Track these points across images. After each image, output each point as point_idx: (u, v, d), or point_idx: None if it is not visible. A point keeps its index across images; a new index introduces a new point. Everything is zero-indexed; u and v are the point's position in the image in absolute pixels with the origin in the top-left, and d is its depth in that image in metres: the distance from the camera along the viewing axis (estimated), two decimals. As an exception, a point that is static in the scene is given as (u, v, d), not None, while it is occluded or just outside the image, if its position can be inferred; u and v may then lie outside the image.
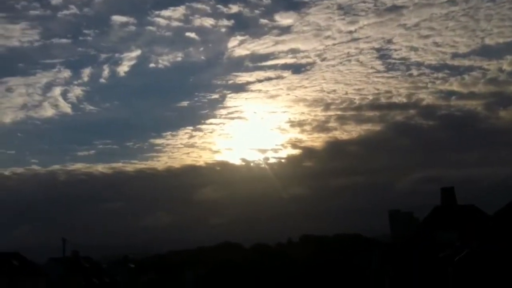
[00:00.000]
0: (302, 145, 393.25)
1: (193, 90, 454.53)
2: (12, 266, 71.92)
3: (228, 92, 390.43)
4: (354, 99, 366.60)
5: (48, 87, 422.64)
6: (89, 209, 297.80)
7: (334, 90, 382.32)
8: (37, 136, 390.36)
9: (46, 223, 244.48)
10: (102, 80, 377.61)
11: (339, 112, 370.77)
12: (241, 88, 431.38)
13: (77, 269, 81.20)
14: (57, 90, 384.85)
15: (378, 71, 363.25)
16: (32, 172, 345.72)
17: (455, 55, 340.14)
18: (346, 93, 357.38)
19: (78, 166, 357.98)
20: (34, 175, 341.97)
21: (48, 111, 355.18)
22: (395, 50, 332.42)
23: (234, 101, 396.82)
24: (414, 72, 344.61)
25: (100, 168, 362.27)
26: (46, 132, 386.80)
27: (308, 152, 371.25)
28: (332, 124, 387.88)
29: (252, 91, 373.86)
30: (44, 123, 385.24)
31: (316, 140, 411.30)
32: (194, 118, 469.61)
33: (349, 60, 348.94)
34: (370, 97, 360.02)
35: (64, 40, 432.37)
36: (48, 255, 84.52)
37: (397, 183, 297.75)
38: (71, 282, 71.98)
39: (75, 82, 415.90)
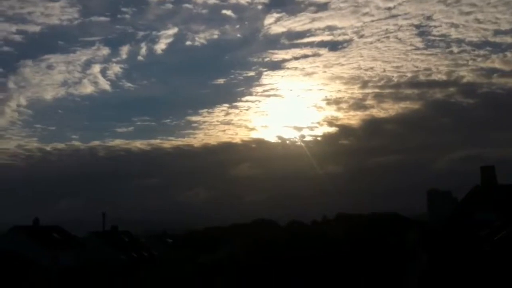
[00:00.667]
0: (339, 123, 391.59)
1: (229, 68, 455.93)
2: (53, 239, 74.08)
3: (264, 69, 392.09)
4: (392, 76, 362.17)
5: (88, 64, 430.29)
6: (128, 185, 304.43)
7: (372, 68, 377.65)
8: (77, 113, 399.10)
9: (86, 198, 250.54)
10: (139, 58, 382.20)
11: (376, 90, 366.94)
12: (277, 65, 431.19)
13: (117, 243, 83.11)
14: (96, 68, 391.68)
15: (417, 48, 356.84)
16: (72, 148, 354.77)
17: (497, 32, 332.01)
18: (384, 71, 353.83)
19: (117, 142, 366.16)
20: (75, 151, 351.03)
21: (88, 88, 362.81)
22: (435, 26, 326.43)
23: (270, 78, 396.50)
24: (455, 49, 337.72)
25: (138, 144, 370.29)
26: (86, 108, 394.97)
27: (345, 130, 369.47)
28: (369, 102, 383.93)
29: (288, 68, 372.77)
30: (84, 100, 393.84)
31: (353, 118, 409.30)
32: (230, 95, 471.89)
33: (388, 37, 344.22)
34: (409, 75, 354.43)
35: (102, 18, 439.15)
36: (88, 229, 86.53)
37: (436, 162, 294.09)
38: (111, 256, 73.65)
39: (114, 60, 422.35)
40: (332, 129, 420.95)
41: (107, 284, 63.93)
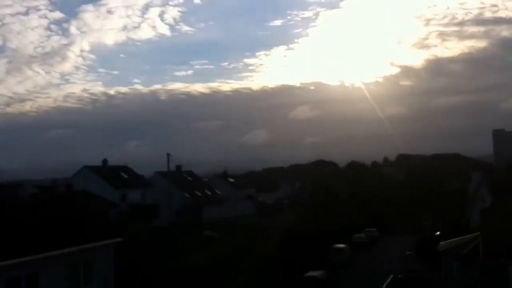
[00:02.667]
0: (400, 63, 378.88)
1: (286, 9, 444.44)
2: (122, 178, 77.42)
3: (322, 9, 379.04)
4: (456, 14, 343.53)
5: (146, 8, 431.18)
6: (190, 127, 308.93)
7: (435, 5, 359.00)
8: (138, 57, 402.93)
9: (151, 140, 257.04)
10: (196, 0, 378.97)
11: (440, 28, 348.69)
12: (335, 4, 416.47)
13: (181, 182, 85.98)
14: (154, 11, 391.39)
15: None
16: (135, 92, 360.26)
17: None
18: (448, 8, 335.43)
19: (177, 85, 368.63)
20: (138, 95, 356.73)
21: (147, 33, 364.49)
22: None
23: (328, 18, 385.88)
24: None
25: (198, 87, 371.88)
26: (146, 53, 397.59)
27: (406, 70, 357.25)
28: (432, 40, 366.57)
29: (346, 7, 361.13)
30: (144, 44, 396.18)
31: (415, 58, 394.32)
32: (287, 37, 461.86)
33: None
34: (474, 12, 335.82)
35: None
36: (153, 169, 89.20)
37: (502, 103, 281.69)
38: (176, 194, 76.33)
39: (171, 3, 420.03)
40: (393, 70, 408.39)
41: (173, 221, 66.72)
